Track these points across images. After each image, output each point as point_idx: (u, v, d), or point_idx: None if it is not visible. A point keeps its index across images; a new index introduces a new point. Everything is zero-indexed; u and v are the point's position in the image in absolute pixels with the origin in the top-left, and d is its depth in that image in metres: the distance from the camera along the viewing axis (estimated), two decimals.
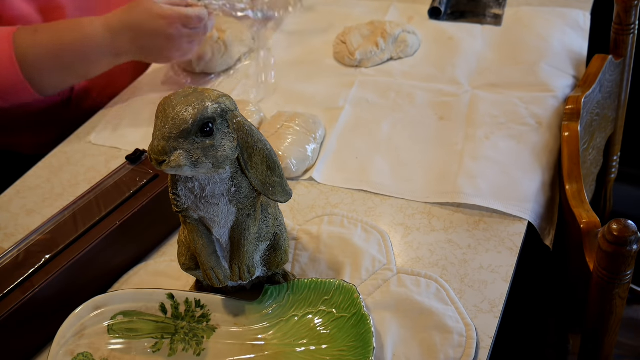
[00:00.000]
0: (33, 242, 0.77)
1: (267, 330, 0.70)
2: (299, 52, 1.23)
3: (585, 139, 0.97)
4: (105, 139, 1.08)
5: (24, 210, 0.95)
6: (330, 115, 1.04)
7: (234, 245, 0.67)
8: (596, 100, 1.01)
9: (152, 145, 0.58)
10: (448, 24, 1.24)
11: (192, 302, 0.72)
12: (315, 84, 1.13)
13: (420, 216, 0.85)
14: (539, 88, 1.03)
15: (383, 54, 1.15)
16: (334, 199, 0.89)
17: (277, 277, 0.74)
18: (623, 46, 1.06)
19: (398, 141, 0.98)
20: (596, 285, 0.72)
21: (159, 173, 0.85)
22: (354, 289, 0.70)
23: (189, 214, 0.65)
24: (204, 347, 0.70)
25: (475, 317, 0.71)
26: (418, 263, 0.78)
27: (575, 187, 0.84)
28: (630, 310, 1.08)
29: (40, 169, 1.03)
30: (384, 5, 1.33)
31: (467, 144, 0.95)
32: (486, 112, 1.00)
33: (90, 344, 0.70)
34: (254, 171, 0.63)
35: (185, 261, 0.70)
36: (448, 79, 1.10)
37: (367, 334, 0.66)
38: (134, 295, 0.72)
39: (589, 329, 0.79)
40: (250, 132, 0.61)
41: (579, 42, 1.14)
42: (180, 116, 0.57)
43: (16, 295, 0.71)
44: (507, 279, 0.75)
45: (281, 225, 0.71)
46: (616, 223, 0.65)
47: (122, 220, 0.79)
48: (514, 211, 0.83)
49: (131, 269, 0.83)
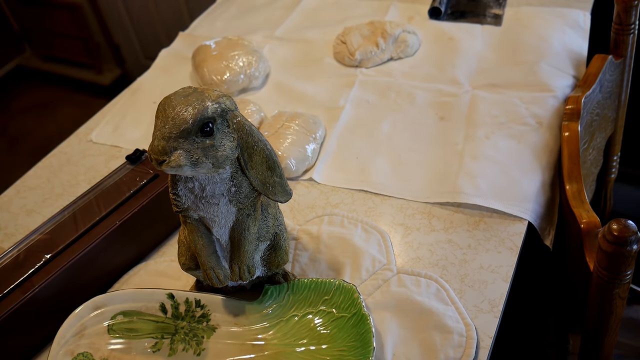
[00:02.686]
0: (33, 242, 0.77)
1: (267, 330, 0.70)
2: (299, 52, 1.23)
3: (585, 139, 0.97)
4: (106, 138, 1.08)
5: (24, 210, 0.95)
6: (330, 115, 1.04)
7: (234, 245, 0.67)
8: (596, 100, 1.01)
9: (152, 145, 0.58)
10: (448, 24, 1.24)
11: (192, 302, 0.72)
12: (315, 84, 1.13)
13: (420, 216, 0.85)
14: (539, 88, 1.03)
15: (383, 54, 1.15)
16: (334, 199, 0.89)
17: (277, 277, 0.74)
18: (623, 46, 1.06)
19: (398, 141, 0.98)
20: (596, 285, 0.72)
21: (159, 173, 0.85)
22: (354, 289, 0.70)
23: (189, 214, 0.65)
24: (204, 347, 0.70)
25: (475, 317, 0.71)
26: (418, 263, 0.78)
27: (575, 187, 0.84)
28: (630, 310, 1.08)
29: (40, 169, 1.03)
30: (384, 5, 1.33)
31: (468, 144, 0.95)
32: (486, 112, 1.00)
33: (90, 344, 0.70)
34: (254, 171, 0.63)
35: (185, 261, 0.70)
36: (448, 79, 1.09)
37: (367, 334, 0.66)
38: (134, 295, 0.72)
39: (589, 329, 0.79)
40: (250, 132, 0.61)
41: (579, 42, 1.14)
42: (180, 116, 0.57)
43: (16, 295, 0.71)
44: (507, 279, 0.75)
45: (281, 225, 0.71)
46: (616, 223, 0.65)
47: (122, 220, 0.79)
48: (514, 211, 0.83)
49: (131, 269, 0.83)
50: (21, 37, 2.90)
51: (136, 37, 2.53)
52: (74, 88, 2.81)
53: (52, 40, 2.80)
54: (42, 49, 2.88)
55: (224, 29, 1.36)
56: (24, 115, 2.73)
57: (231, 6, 1.45)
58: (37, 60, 2.93)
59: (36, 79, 2.91)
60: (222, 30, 1.36)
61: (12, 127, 2.66)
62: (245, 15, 1.40)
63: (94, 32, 2.61)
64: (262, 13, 1.39)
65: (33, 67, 2.93)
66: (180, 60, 1.28)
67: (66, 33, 2.69)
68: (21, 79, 2.93)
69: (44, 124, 2.63)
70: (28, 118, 2.71)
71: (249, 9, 1.42)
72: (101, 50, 2.68)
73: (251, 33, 1.32)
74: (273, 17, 1.36)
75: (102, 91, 2.68)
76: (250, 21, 1.37)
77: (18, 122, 2.69)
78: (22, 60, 2.96)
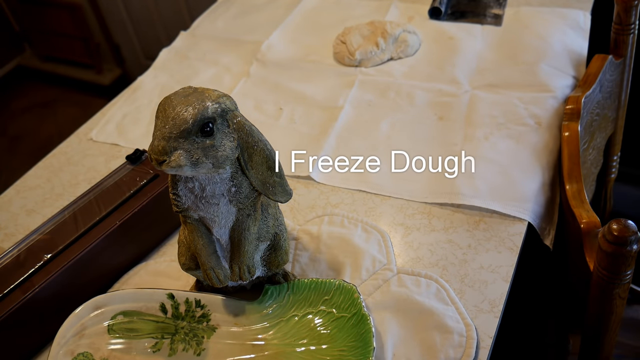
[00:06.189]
0: (33, 242, 0.77)
1: (267, 330, 0.70)
2: (299, 52, 1.23)
3: (585, 139, 0.97)
4: (107, 136, 1.08)
5: (24, 210, 0.95)
6: (329, 115, 1.04)
7: (234, 245, 0.67)
8: (596, 100, 1.01)
9: (153, 145, 0.58)
10: (448, 24, 1.24)
11: (192, 302, 0.72)
12: (315, 84, 1.13)
13: (420, 216, 0.85)
14: (539, 88, 1.03)
15: (383, 54, 1.15)
16: (334, 199, 0.89)
17: (277, 277, 0.74)
18: (623, 46, 1.06)
19: (397, 141, 0.98)
20: (596, 285, 0.72)
21: (159, 173, 0.85)
22: (354, 289, 0.70)
23: (189, 214, 0.65)
24: (204, 347, 0.70)
25: (476, 317, 0.71)
26: (418, 263, 0.78)
27: (575, 187, 0.84)
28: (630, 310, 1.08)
29: (40, 169, 1.03)
30: (384, 5, 1.33)
31: (466, 144, 0.95)
32: (486, 113, 1.00)
33: (91, 344, 0.70)
34: (254, 171, 0.63)
35: (186, 261, 0.70)
36: (448, 78, 1.09)
37: (367, 334, 0.66)
38: (134, 295, 0.72)
39: (589, 329, 0.79)
40: (250, 132, 0.61)
41: (579, 42, 1.14)
42: (180, 116, 0.57)
43: (16, 295, 0.71)
44: (507, 279, 0.75)
45: (281, 225, 0.71)
46: (616, 223, 0.65)
47: (122, 220, 0.79)
48: (513, 211, 0.83)
49: (131, 269, 0.83)
50: (21, 37, 2.90)
51: (136, 37, 2.53)
52: (74, 88, 2.81)
53: (52, 40, 2.80)
54: (42, 49, 2.88)
55: (225, 28, 1.36)
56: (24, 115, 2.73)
57: (232, 6, 1.45)
58: (37, 60, 2.93)
59: (36, 79, 2.91)
60: (223, 29, 1.36)
61: (12, 127, 2.66)
62: (246, 14, 1.40)
63: (94, 32, 2.61)
64: (263, 13, 1.39)
65: (33, 67, 2.93)
66: (181, 60, 1.28)
67: (66, 33, 2.69)
68: (21, 79, 2.93)
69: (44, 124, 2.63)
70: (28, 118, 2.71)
71: (249, 9, 1.42)
72: (101, 50, 2.68)
73: (252, 32, 1.32)
74: (273, 16, 1.36)
75: (102, 91, 2.68)
76: (251, 21, 1.37)
77: (18, 122, 2.69)
78: (22, 60, 2.96)
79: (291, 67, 1.19)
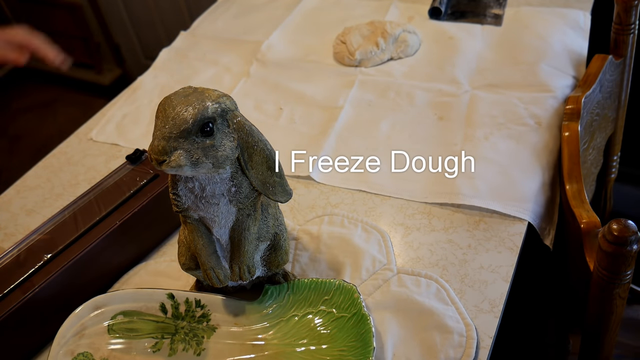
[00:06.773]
0: (33, 242, 0.77)
1: (267, 330, 0.70)
2: (299, 52, 1.23)
3: (585, 139, 0.97)
4: (107, 136, 1.08)
5: (24, 210, 0.95)
6: (329, 115, 1.04)
7: (234, 245, 0.67)
8: (596, 100, 1.01)
9: (152, 145, 0.58)
10: (448, 24, 1.24)
11: (192, 302, 0.72)
12: (315, 84, 1.13)
13: (420, 216, 0.85)
14: (539, 88, 1.03)
15: (383, 54, 1.15)
16: (334, 199, 0.89)
17: (277, 277, 0.74)
18: (623, 46, 1.06)
19: (397, 141, 0.98)
20: (596, 285, 0.72)
21: (159, 173, 0.85)
22: (354, 288, 0.70)
23: (189, 214, 0.65)
24: (204, 347, 0.70)
25: (476, 317, 0.71)
26: (418, 263, 0.78)
27: (575, 187, 0.84)
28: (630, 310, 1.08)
29: (40, 169, 1.03)
30: (384, 5, 1.33)
31: (466, 144, 0.95)
32: (485, 113, 1.00)
33: (91, 344, 0.70)
34: (254, 171, 0.63)
35: (186, 261, 0.70)
36: (448, 78, 1.09)
37: (367, 334, 0.66)
38: (134, 295, 0.72)
39: (589, 329, 0.79)
40: (250, 132, 0.61)
41: (579, 42, 1.14)
42: (180, 116, 0.57)
43: (16, 295, 0.71)
44: (507, 279, 0.75)
45: (281, 225, 0.71)
46: (616, 223, 0.65)
47: (122, 220, 0.79)
48: (513, 211, 0.83)
49: (131, 269, 0.83)
50: None
51: (136, 37, 2.53)
52: (74, 88, 2.81)
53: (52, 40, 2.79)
54: None
55: (225, 28, 1.36)
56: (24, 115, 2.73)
57: (232, 6, 1.45)
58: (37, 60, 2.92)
59: (36, 79, 2.91)
60: (223, 29, 1.36)
61: (12, 127, 2.66)
62: (246, 14, 1.40)
63: (94, 32, 2.61)
64: (263, 13, 1.39)
65: (33, 67, 2.93)
66: (181, 60, 1.28)
67: (66, 33, 2.69)
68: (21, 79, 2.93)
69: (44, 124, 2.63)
70: (28, 118, 2.71)
71: (249, 9, 1.42)
72: (101, 50, 2.68)
73: (252, 32, 1.32)
74: (273, 16, 1.36)
75: (102, 91, 2.68)
76: (250, 21, 1.37)
77: (18, 122, 2.69)
78: None
79: (291, 67, 1.19)
